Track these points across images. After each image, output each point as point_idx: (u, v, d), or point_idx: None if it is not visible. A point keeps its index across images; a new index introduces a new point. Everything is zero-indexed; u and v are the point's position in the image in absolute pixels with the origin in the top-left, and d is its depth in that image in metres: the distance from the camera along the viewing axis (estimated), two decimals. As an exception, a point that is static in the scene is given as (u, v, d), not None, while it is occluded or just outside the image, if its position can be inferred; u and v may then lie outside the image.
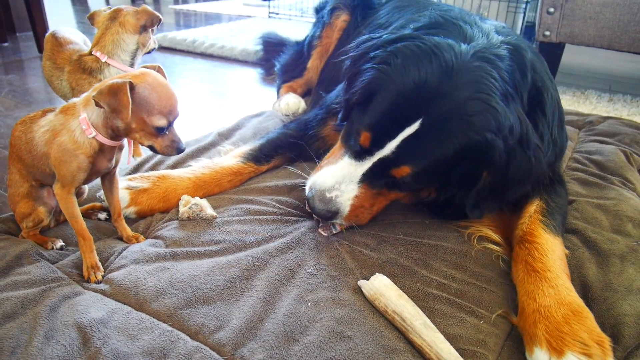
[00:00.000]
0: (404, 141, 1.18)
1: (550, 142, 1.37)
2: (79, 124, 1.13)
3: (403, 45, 1.25)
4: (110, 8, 1.66)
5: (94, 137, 1.13)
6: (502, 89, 1.19)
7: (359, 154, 1.27)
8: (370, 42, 1.37)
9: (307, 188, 1.35)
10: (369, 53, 1.33)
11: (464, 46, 1.23)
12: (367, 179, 1.27)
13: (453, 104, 1.16)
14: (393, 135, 1.19)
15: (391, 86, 1.21)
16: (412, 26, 1.46)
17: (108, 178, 1.29)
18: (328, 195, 1.28)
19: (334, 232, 1.35)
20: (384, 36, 1.35)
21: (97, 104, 1.07)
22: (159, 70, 1.21)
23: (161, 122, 1.13)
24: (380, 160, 1.23)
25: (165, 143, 1.17)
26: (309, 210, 1.36)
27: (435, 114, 1.16)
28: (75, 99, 1.19)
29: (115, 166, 1.27)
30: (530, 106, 1.32)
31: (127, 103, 1.05)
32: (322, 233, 1.35)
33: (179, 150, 1.19)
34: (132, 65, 1.66)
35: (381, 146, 1.21)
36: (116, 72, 1.64)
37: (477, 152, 1.17)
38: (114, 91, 1.04)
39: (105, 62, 1.63)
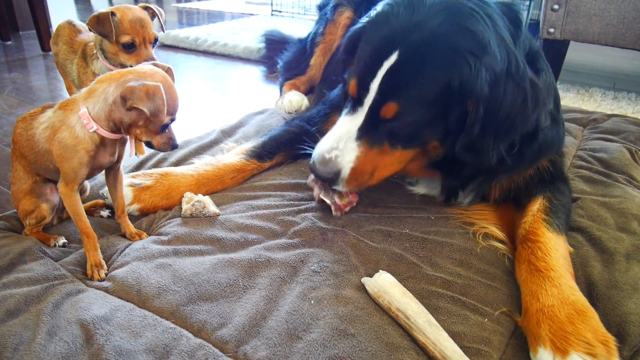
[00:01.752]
0: (385, 77, 1.18)
1: (548, 114, 1.30)
2: (78, 118, 1.13)
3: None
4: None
5: (95, 131, 1.13)
6: (484, 20, 1.18)
7: (353, 107, 1.27)
8: None
9: (312, 158, 1.34)
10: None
11: None
12: (364, 133, 1.25)
13: (427, 31, 1.16)
14: (374, 74, 1.19)
15: (370, 31, 1.26)
16: None
17: (112, 174, 1.29)
18: (327, 156, 1.27)
19: (340, 203, 1.36)
20: None
21: (135, 109, 1.08)
22: (168, 71, 1.21)
23: (167, 120, 1.15)
24: (371, 107, 1.22)
25: (163, 140, 1.19)
26: (312, 184, 1.36)
27: (410, 44, 1.17)
28: (75, 95, 1.19)
29: (119, 161, 1.27)
30: None
31: (164, 105, 1.08)
32: (327, 200, 1.36)
33: (174, 147, 1.22)
34: (117, 66, 1.65)
35: (367, 89, 1.21)
36: (100, 65, 1.67)
37: (460, 80, 1.15)
38: (152, 95, 1.06)
39: (95, 52, 1.69)
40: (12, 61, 3.23)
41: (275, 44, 3.17)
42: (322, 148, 1.29)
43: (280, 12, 5.35)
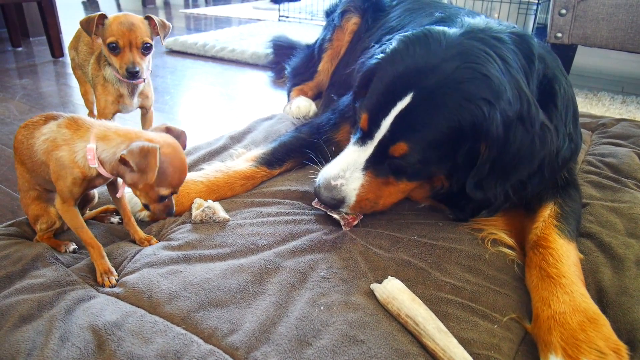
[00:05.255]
0: (397, 117, 1.21)
1: (566, 136, 1.33)
2: (84, 149, 1.13)
3: (400, 34, 1.32)
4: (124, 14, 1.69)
5: (94, 168, 1.14)
6: (498, 64, 1.19)
7: (362, 139, 1.30)
8: (377, 46, 1.42)
9: (316, 181, 1.37)
10: (373, 53, 1.38)
11: (455, 29, 1.28)
12: (371, 165, 1.29)
13: (441, 75, 1.18)
14: (387, 112, 1.22)
15: (385, 68, 1.28)
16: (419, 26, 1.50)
17: (112, 185, 1.30)
18: (333, 183, 1.30)
19: (348, 217, 1.36)
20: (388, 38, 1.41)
21: (124, 162, 1.07)
22: (181, 135, 1.22)
23: (166, 192, 1.16)
24: (380, 143, 1.25)
25: (160, 207, 1.20)
26: (317, 205, 1.38)
27: (424, 87, 1.19)
28: (89, 122, 1.17)
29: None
30: (541, 96, 1.30)
31: (155, 166, 1.07)
32: (336, 216, 1.36)
33: (170, 214, 1.24)
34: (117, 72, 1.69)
35: (378, 125, 1.24)
36: (110, 71, 1.70)
37: (472, 123, 1.17)
38: (145, 153, 1.06)
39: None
40: (22, 67, 3.27)
41: (282, 49, 3.19)
42: (329, 174, 1.32)
43: (287, 17, 5.37)
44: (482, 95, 1.15)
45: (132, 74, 1.62)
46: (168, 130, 1.21)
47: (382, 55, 1.31)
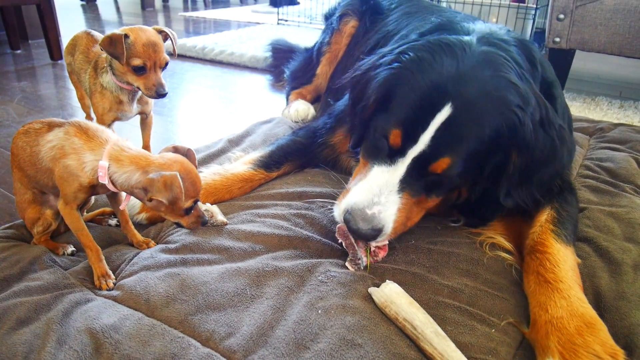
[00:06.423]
0: (438, 130, 1.12)
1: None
2: (95, 163, 1.13)
3: (411, 44, 1.27)
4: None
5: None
6: (515, 70, 1.20)
7: (390, 158, 1.18)
8: (373, 58, 1.38)
9: (338, 213, 1.24)
10: (374, 64, 1.34)
11: (467, 37, 1.27)
12: (407, 185, 1.17)
13: (479, 84, 1.14)
14: (425, 125, 1.12)
15: (410, 78, 1.18)
16: (417, 32, 1.49)
17: (112, 193, 1.30)
18: (369, 212, 1.15)
19: (362, 265, 1.24)
20: (387, 49, 1.36)
21: (153, 200, 1.10)
22: (189, 152, 1.22)
23: (188, 204, 1.16)
24: (416, 159, 1.15)
25: (191, 220, 1.21)
26: (341, 240, 1.24)
27: (464, 96, 1.13)
28: (103, 136, 1.17)
29: None
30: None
31: (182, 192, 1.10)
32: (350, 268, 1.23)
33: (204, 223, 1.24)
34: (124, 83, 1.69)
35: (415, 140, 1.14)
36: (109, 79, 1.68)
37: (510, 130, 1.14)
38: (169, 185, 1.08)
39: (105, 66, 1.69)
40: (21, 70, 3.27)
41: (281, 52, 3.20)
42: (361, 202, 1.17)
43: (286, 21, 5.38)
44: (516, 103, 1.13)
45: (162, 95, 1.65)
46: (175, 149, 1.22)
47: (398, 65, 1.23)
